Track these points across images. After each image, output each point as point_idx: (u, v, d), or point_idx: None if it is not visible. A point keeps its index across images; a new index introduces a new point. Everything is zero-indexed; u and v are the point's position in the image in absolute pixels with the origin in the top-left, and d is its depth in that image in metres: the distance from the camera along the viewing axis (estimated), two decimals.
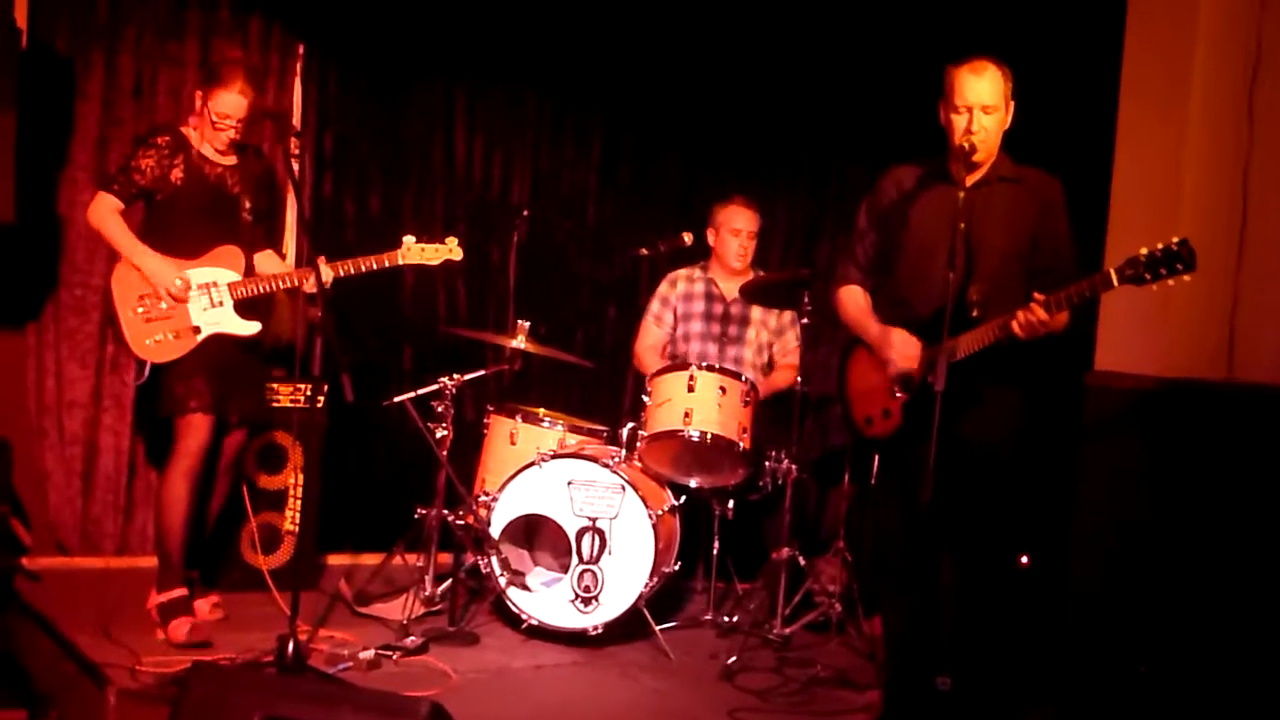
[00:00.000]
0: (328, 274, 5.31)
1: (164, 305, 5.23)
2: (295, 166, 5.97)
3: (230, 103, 5.26)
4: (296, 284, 5.39)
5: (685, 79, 7.49)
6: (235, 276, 5.33)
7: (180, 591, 5.30)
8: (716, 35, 7.40)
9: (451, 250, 5.66)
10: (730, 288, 6.53)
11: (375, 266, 5.49)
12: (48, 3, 6.10)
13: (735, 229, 6.51)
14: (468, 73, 7.16)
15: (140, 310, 5.23)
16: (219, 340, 5.31)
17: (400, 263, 5.56)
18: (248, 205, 5.40)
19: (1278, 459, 4.98)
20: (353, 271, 5.42)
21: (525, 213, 6.46)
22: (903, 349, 4.47)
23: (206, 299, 5.28)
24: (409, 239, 5.59)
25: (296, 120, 6.65)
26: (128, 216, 5.32)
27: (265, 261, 5.58)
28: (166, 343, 5.24)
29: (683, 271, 6.71)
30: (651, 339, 6.66)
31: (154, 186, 5.26)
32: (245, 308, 5.34)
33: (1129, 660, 5.23)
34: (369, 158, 6.98)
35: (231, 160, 5.41)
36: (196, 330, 5.25)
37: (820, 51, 7.54)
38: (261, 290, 5.36)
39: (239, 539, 5.99)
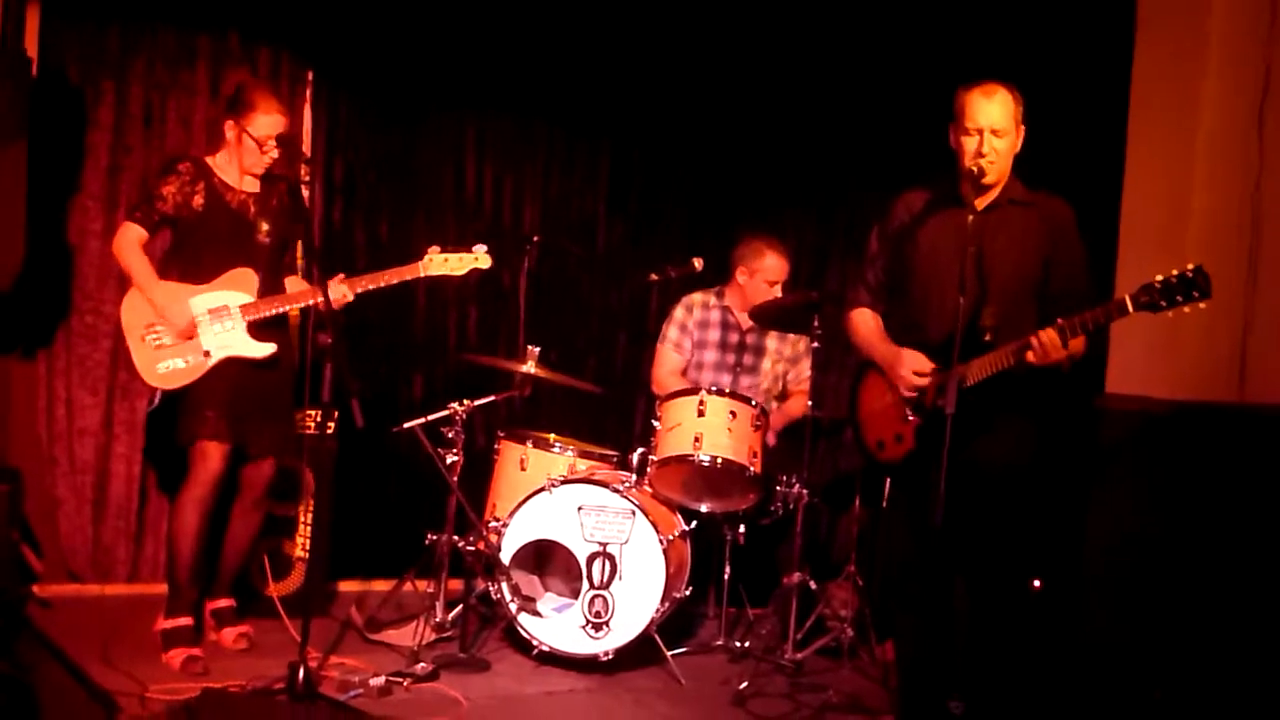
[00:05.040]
0: (343, 290, 5.32)
1: (171, 335, 5.24)
2: (305, 194, 5.98)
3: (270, 123, 5.29)
4: (311, 304, 5.36)
5: (694, 104, 7.50)
6: (247, 299, 5.30)
7: (185, 620, 5.29)
8: (725, 60, 7.42)
9: (479, 259, 5.58)
10: (746, 316, 6.51)
11: (397, 280, 5.45)
12: (58, 31, 6.13)
13: (772, 280, 6.47)
14: (478, 101, 7.17)
15: (151, 338, 5.23)
16: (236, 367, 5.29)
17: (423, 274, 5.49)
18: (264, 228, 5.37)
19: None
20: (372, 287, 5.40)
21: (535, 240, 6.44)
22: (914, 365, 4.46)
23: (218, 324, 5.27)
24: (433, 249, 5.52)
25: (306, 147, 6.66)
26: (156, 244, 5.35)
27: (295, 288, 5.57)
28: (178, 369, 5.23)
29: (698, 297, 6.69)
30: (671, 364, 6.63)
31: (176, 214, 5.27)
32: (259, 330, 5.33)
33: (1144, 686, 5.21)
34: (379, 185, 6.99)
35: (254, 188, 5.42)
36: (207, 354, 5.24)
37: (830, 75, 7.55)
38: (275, 311, 5.33)
39: (250, 566, 5.98)
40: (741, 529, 6.08)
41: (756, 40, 7.41)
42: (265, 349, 5.33)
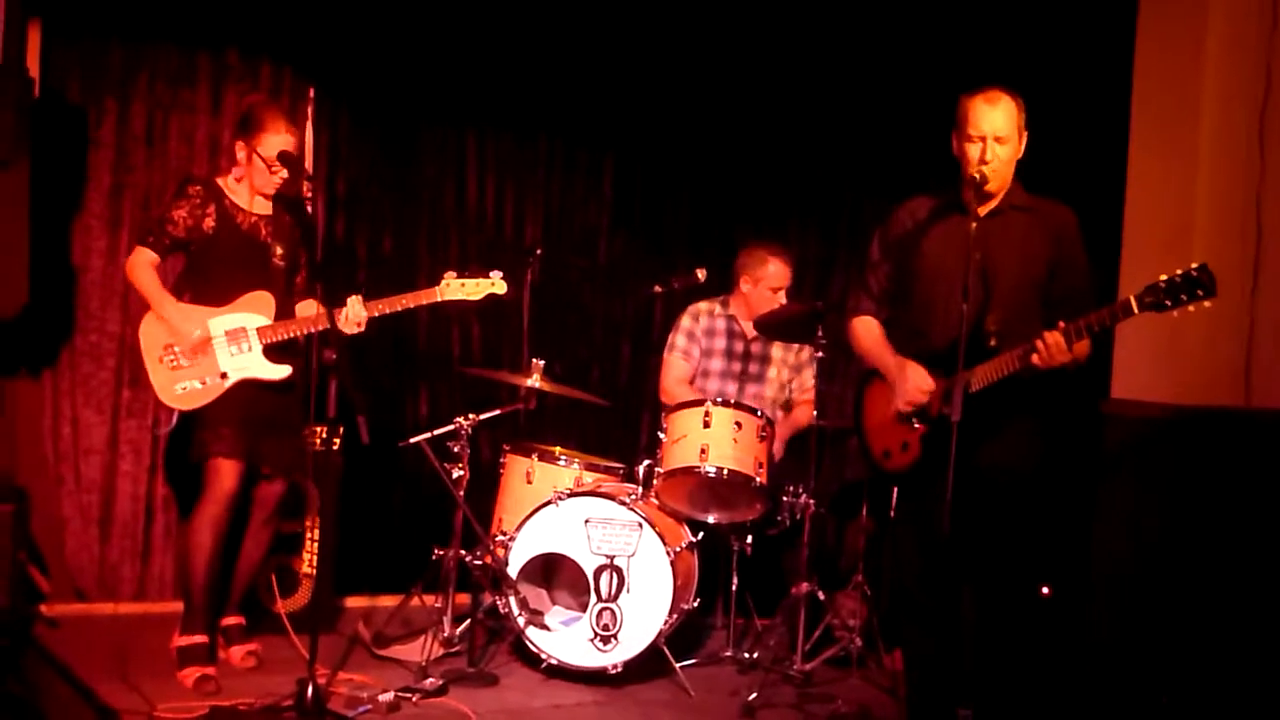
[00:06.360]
0: (360, 314, 5.32)
1: (188, 355, 5.24)
2: (308, 209, 5.98)
3: (278, 144, 5.29)
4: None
5: (696, 115, 7.50)
6: (264, 321, 5.30)
7: (200, 638, 5.28)
8: (727, 70, 7.43)
9: (495, 284, 5.58)
10: (751, 325, 6.50)
11: (413, 305, 5.48)
12: (60, 51, 6.14)
13: (776, 286, 6.47)
14: (479, 114, 7.18)
15: (168, 359, 5.23)
16: (251, 387, 5.28)
17: (440, 299, 5.50)
18: (279, 252, 5.38)
19: None
20: (389, 311, 5.41)
21: (538, 252, 6.44)
22: (916, 383, 4.46)
23: (235, 345, 5.27)
24: (449, 275, 5.54)
25: (308, 163, 6.65)
26: (170, 266, 5.36)
27: (306, 310, 5.52)
28: (195, 390, 5.23)
29: (703, 305, 6.67)
30: (679, 372, 6.59)
31: (188, 237, 5.27)
32: (275, 352, 5.32)
33: (1151, 691, 5.20)
34: (381, 200, 6.99)
35: (265, 210, 5.42)
36: (224, 376, 5.24)
37: (833, 85, 7.56)
38: (291, 334, 5.32)
39: (257, 583, 5.97)
40: (749, 540, 6.07)
41: (759, 51, 7.43)
42: (282, 371, 5.33)
